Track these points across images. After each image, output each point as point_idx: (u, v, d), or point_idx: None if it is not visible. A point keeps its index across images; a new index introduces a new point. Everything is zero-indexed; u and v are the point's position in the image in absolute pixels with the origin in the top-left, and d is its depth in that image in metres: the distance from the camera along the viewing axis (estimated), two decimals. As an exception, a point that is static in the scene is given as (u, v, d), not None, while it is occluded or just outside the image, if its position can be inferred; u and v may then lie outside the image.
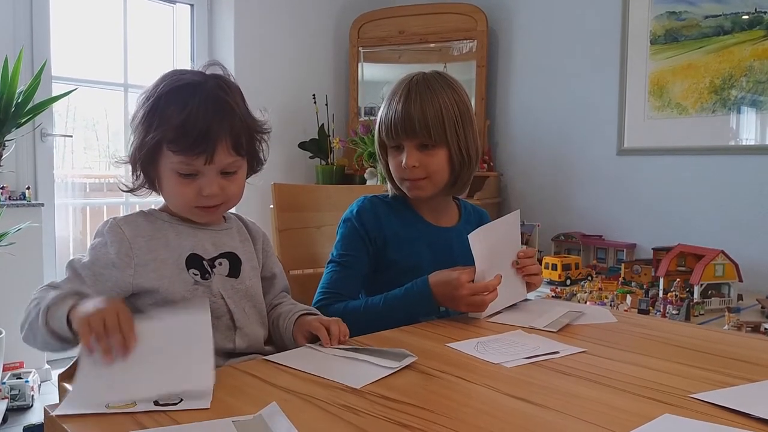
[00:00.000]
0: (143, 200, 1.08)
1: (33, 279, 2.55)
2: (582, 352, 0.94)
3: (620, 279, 2.53)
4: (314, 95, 3.44)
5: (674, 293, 2.11)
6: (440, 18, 3.39)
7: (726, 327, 1.90)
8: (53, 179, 2.93)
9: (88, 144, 3.27)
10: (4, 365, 2.43)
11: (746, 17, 2.52)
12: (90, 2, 3.12)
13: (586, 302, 2.23)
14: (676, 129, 2.73)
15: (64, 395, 0.76)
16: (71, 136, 3.06)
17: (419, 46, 3.47)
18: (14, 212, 2.54)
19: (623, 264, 2.61)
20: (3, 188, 2.64)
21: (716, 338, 1.07)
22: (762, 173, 2.49)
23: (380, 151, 1.33)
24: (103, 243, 0.95)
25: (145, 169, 1.00)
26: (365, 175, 3.26)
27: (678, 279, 2.21)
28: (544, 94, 3.20)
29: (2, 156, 2.33)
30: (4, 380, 2.39)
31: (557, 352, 0.94)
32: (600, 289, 2.40)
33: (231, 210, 1.09)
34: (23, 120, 2.36)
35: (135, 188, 1.02)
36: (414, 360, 0.86)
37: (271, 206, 1.48)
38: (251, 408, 0.70)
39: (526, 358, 0.90)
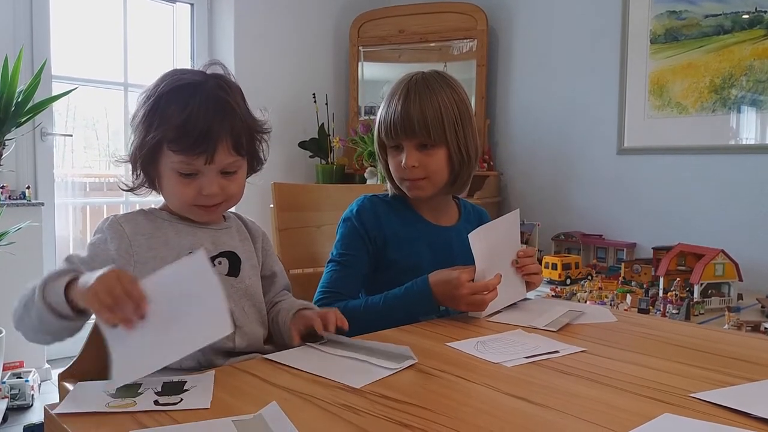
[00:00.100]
0: (143, 199, 1.08)
1: (33, 278, 2.54)
2: (582, 352, 0.94)
3: (620, 278, 2.53)
4: (314, 94, 3.44)
5: (674, 293, 2.11)
6: (440, 17, 3.39)
7: (726, 326, 1.90)
8: (53, 178, 2.93)
9: (88, 143, 3.27)
10: (4, 365, 2.43)
11: (746, 16, 2.52)
12: (90, 1, 3.11)
13: (586, 301, 2.23)
14: (676, 128, 2.73)
15: (65, 395, 0.76)
16: (71, 136, 3.07)
17: (419, 46, 3.47)
18: (14, 211, 2.54)
19: (623, 263, 2.61)
20: (3, 187, 2.64)
21: (716, 338, 1.07)
22: (762, 172, 2.49)
23: (380, 151, 1.33)
24: (103, 239, 0.95)
25: (145, 169, 1.00)
26: (365, 175, 3.26)
27: (678, 278, 2.21)
28: (544, 94, 3.20)
29: (2, 155, 2.33)
30: (4, 380, 2.39)
31: (557, 352, 0.94)
32: (600, 289, 2.40)
33: (231, 209, 1.10)
34: (23, 119, 2.36)
35: (135, 187, 1.03)
36: (414, 362, 0.86)
37: (271, 206, 1.48)
38: (251, 407, 0.70)
39: (526, 358, 0.90)
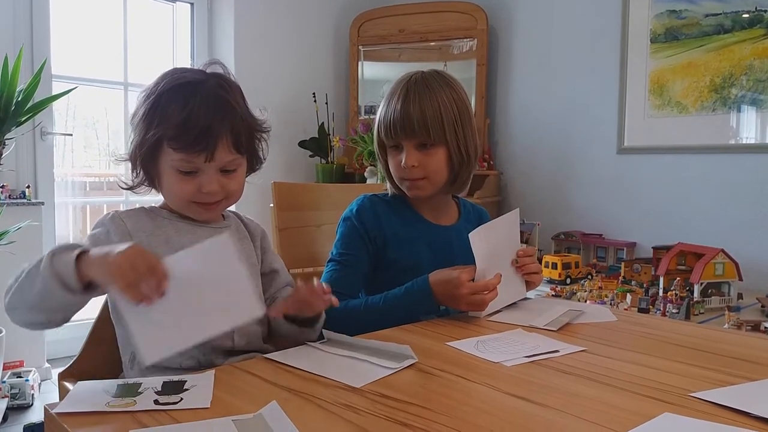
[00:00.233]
0: (142, 198, 1.08)
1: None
2: (582, 351, 0.95)
3: (620, 278, 2.53)
4: (314, 94, 3.43)
5: (674, 292, 2.11)
6: (440, 16, 3.39)
7: (726, 326, 1.90)
8: (53, 178, 2.93)
9: (88, 143, 3.27)
10: (5, 364, 2.43)
11: (746, 16, 2.52)
12: (90, 1, 3.11)
13: (586, 301, 2.23)
14: (677, 128, 2.73)
15: (65, 394, 0.76)
16: (71, 135, 3.06)
17: (419, 45, 3.47)
18: (14, 211, 2.54)
19: (623, 263, 2.61)
20: (3, 187, 2.64)
21: (716, 337, 1.07)
22: (762, 172, 2.49)
23: (379, 151, 1.33)
24: (105, 232, 0.95)
25: (145, 167, 1.00)
26: (365, 174, 3.26)
27: (678, 278, 2.21)
28: (545, 93, 3.20)
29: (2, 155, 2.33)
30: (5, 379, 2.39)
31: (557, 351, 0.94)
32: (600, 288, 2.40)
33: (230, 208, 1.10)
34: (23, 118, 2.36)
35: (134, 186, 1.03)
36: (414, 361, 0.86)
37: (271, 205, 1.48)
38: (251, 407, 0.70)
39: (526, 357, 0.90)
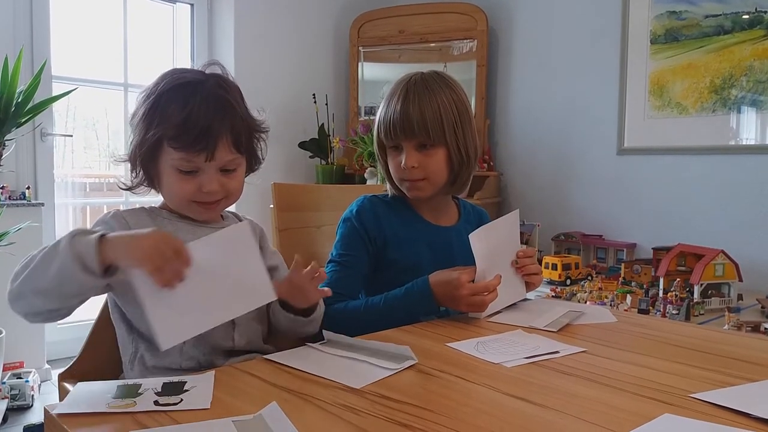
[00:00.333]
0: (142, 199, 1.08)
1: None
2: (582, 352, 0.94)
3: (620, 279, 2.53)
4: (314, 95, 3.44)
5: (674, 293, 2.11)
6: (440, 17, 3.39)
7: (726, 327, 1.90)
8: (53, 179, 2.93)
9: (88, 143, 3.27)
10: (4, 365, 2.42)
11: (746, 17, 2.52)
12: (90, 1, 3.11)
13: (586, 302, 2.23)
14: (677, 129, 2.73)
15: (65, 395, 0.76)
16: (71, 136, 3.07)
17: (419, 46, 3.47)
18: (14, 212, 2.54)
19: (623, 264, 2.61)
20: (3, 188, 2.64)
21: (716, 338, 1.07)
22: (762, 173, 2.49)
23: (379, 152, 1.33)
24: (110, 228, 0.95)
25: (145, 167, 1.00)
26: (365, 175, 3.26)
27: (678, 279, 2.21)
28: (545, 94, 3.20)
29: (2, 156, 2.33)
30: (4, 380, 2.39)
31: (557, 352, 0.94)
32: (600, 289, 2.40)
33: (229, 208, 1.10)
34: (23, 119, 2.36)
35: (134, 186, 1.03)
36: (414, 362, 0.86)
37: (271, 206, 1.48)
38: (251, 408, 0.70)
39: (526, 358, 0.90)
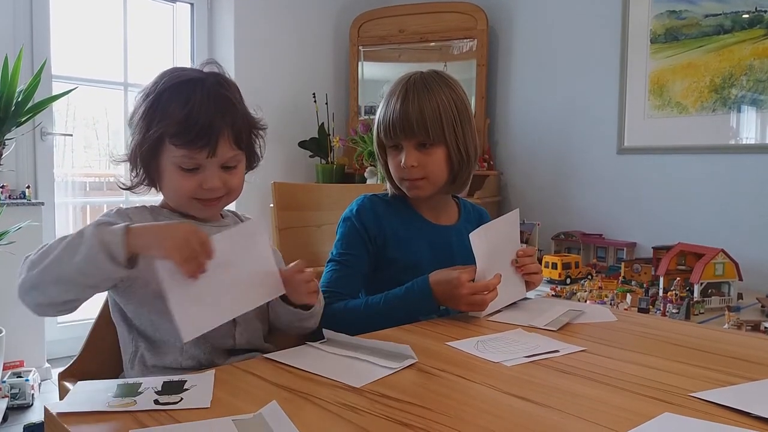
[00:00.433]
0: (142, 198, 1.08)
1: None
2: (582, 351, 0.94)
3: (620, 278, 2.53)
4: (314, 94, 3.43)
5: (674, 292, 2.11)
6: (440, 17, 3.39)
7: (726, 326, 1.90)
8: (53, 178, 2.93)
9: (88, 143, 3.27)
10: (5, 364, 2.43)
11: (746, 16, 2.52)
12: (90, 1, 3.11)
13: (586, 301, 2.23)
14: (677, 128, 2.73)
15: (65, 394, 0.76)
16: (71, 135, 3.07)
17: (419, 45, 3.47)
18: (14, 211, 2.54)
19: (623, 263, 2.61)
20: (3, 187, 2.64)
21: (716, 337, 1.07)
22: (762, 172, 2.49)
23: (379, 151, 1.33)
24: (114, 224, 0.95)
25: (146, 165, 1.00)
26: (365, 174, 3.26)
27: (678, 278, 2.21)
28: (545, 93, 3.20)
29: (2, 155, 2.33)
30: (5, 379, 2.39)
31: (557, 351, 0.94)
32: (600, 288, 2.40)
33: (229, 207, 1.10)
34: (23, 119, 2.36)
35: (134, 185, 1.03)
36: (415, 361, 0.86)
37: (271, 205, 1.48)
38: (251, 407, 0.70)
39: (526, 357, 0.90)
